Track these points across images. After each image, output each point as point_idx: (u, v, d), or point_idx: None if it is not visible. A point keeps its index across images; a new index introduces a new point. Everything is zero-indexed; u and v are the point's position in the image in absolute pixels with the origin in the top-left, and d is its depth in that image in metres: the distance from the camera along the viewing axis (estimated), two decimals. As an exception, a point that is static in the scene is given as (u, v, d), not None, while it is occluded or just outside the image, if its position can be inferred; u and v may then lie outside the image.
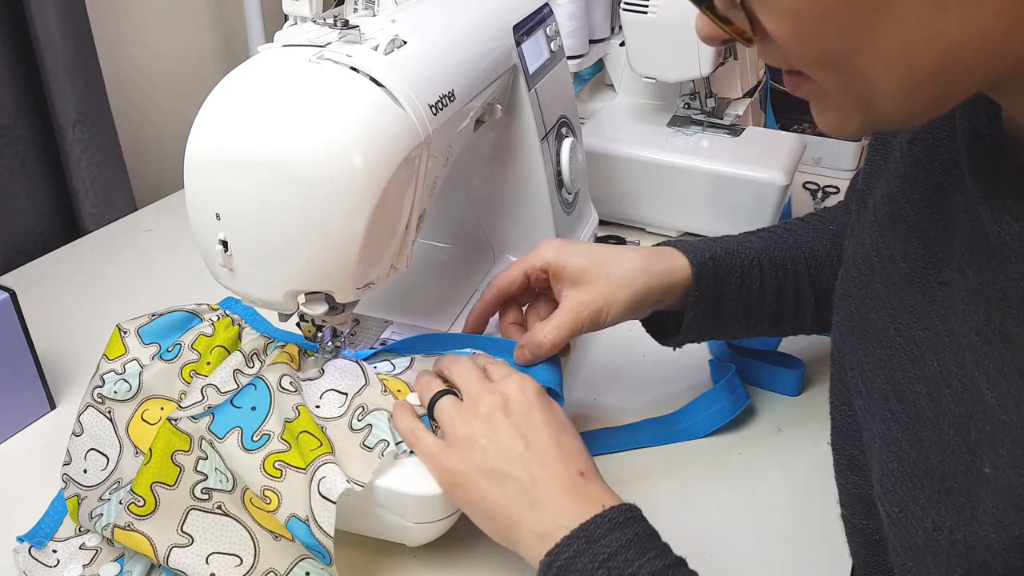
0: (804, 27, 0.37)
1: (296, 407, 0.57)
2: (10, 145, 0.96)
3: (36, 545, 0.59)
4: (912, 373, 0.46)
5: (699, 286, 0.65)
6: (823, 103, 0.42)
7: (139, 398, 0.62)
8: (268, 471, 0.54)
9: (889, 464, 0.46)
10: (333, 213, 0.52)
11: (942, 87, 0.37)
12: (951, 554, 0.40)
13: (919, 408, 0.45)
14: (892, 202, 0.52)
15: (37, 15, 0.92)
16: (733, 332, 0.70)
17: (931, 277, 0.46)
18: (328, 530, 0.53)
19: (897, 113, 0.39)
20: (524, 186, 0.80)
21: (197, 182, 0.54)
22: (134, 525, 0.55)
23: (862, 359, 0.51)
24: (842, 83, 0.39)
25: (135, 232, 1.05)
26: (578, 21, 1.06)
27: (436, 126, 0.57)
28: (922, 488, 0.43)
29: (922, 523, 0.42)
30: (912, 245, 0.48)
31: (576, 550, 0.48)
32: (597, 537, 0.48)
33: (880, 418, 0.48)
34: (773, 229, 0.73)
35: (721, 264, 0.66)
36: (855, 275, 0.54)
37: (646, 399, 0.76)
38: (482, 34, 0.70)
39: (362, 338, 0.72)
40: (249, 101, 0.53)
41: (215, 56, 1.30)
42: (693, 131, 1.07)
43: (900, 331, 0.47)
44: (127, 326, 0.65)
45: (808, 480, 0.67)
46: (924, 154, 0.49)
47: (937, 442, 0.42)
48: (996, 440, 0.38)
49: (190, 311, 0.65)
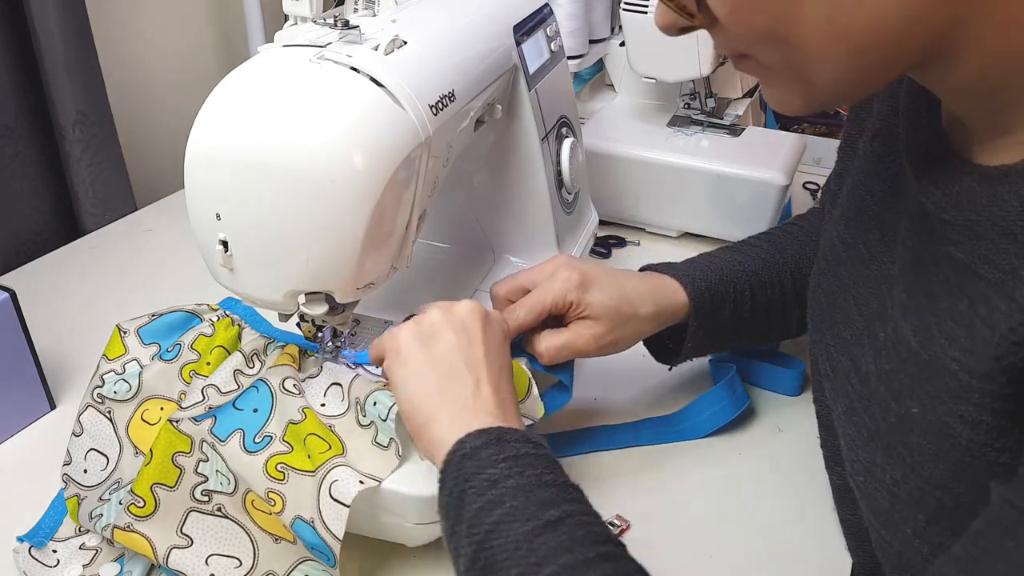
0: (740, 4, 0.41)
1: (301, 410, 0.57)
2: (10, 145, 0.96)
3: (36, 545, 0.59)
4: (866, 344, 0.50)
5: (697, 317, 0.68)
6: (769, 80, 0.45)
7: (139, 398, 0.62)
8: (271, 473, 0.54)
9: (852, 436, 0.49)
10: (333, 213, 0.52)
11: (871, 62, 0.40)
12: (910, 504, 0.44)
13: (869, 375, 0.49)
14: (855, 195, 0.56)
15: (37, 15, 0.92)
16: (726, 347, 0.76)
17: (885, 259, 0.49)
18: (337, 532, 0.53)
19: (832, 88, 0.43)
20: (524, 186, 0.80)
21: (197, 182, 0.54)
22: (134, 526, 0.55)
23: (829, 344, 0.55)
24: (780, 58, 0.42)
25: (135, 232, 1.05)
26: (578, 21, 1.06)
27: (436, 126, 0.57)
28: (877, 448, 0.46)
29: (883, 483, 0.46)
30: (872, 233, 0.52)
31: (484, 442, 0.50)
32: (511, 437, 0.50)
33: (843, 394, 0.51)
34: (758, 243, 0.75)
35: (716, 292, 0.69)
36: (824, 267, 0.58)
37: (646, 399, 0.76)
38: (482, 34, 0.70)
39: (362, 338, 0.72)
40: (249, 101, 0.53)
41: (215, 56, 1.30)
42: (693, 131, 1.07)
43: (861, 311, 0.51)
44: (127, 326, 0.65)
45: (808, 480, 0.67)
46: (883, 148, 0.53)
47: (878, 401, 0.47)
48: (921, 379, 0.42)
49: (190, 311, 0.65)
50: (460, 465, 0.49)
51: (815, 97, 0.44)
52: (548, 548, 0.44)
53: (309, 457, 0.55)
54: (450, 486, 0.49)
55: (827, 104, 0.47)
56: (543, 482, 0.48)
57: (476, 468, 0.48)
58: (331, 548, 0.53)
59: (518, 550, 0.45)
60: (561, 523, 0.45)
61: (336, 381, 0.61)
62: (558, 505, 0.46)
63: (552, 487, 0.48)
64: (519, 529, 0.45)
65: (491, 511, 0.46)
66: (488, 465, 0.48)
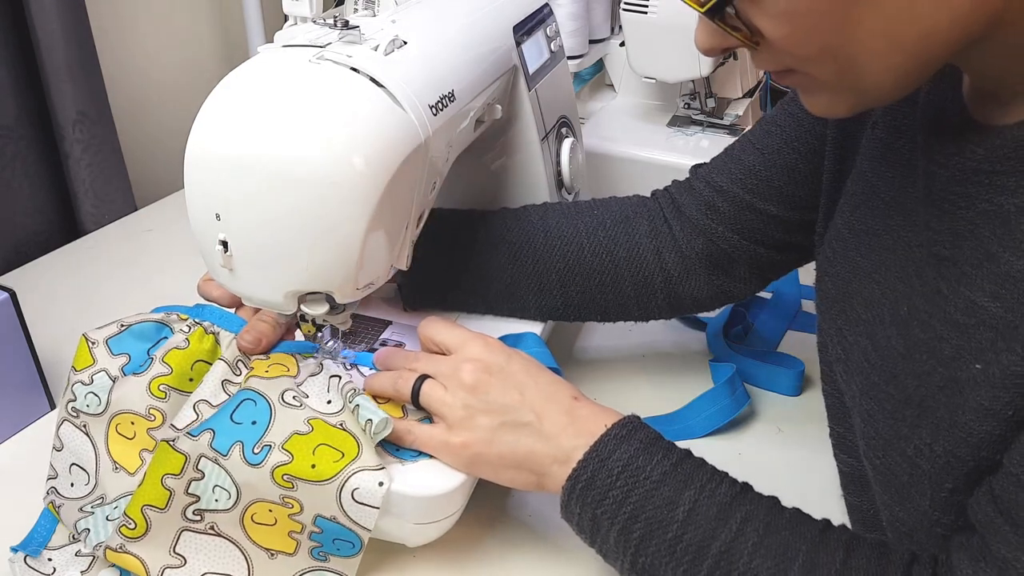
0: (798, 26, 0.41)
1: (307, 421, 0.56)
2: (10, 145, 0.96)
3: (31, 554, 0.59)
4: (887, 322, 0.51)
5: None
6: (814, 91, 0.46)
7: (108, 413, 0.60)
8: (279, 483, 0.54)
9: (871, 410, 0.50)
10: (333, 214, 0.52)
11: (921, 63, 0.42)
12: (932, 475, 0.45)
13: (891, 348, 0.50)
14: (863, 181, 0.56)
15: (37, 15, 0.92)
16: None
17: (911, 241, 0.50)
18: (367, 525, 0.54)
19: (883, 92, 0.44)
20: (524, 186, 0.80)
21: (197, 182, 0.54)
22: (126, 547, 0.55)
23: (842, 328, 0.56)
24: (835, 72, 0.43)
25: (135, 232, 1.05)
26: (578, 21, 1.06)
27: (436, 126, 0.57)
28: (903, 418, 0.47)
29: (905, 454, 0.47)
30: (892, 218, 0.53)
31: (593, 469, 0.52)
32: (608, 454, 0.52)
33: (859, 372, 0.52)
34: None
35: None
36: (830, 255, 0.59)
37: (646, 399, 0.76)
38: (482, 34, 0.70)
39: (362, 338, 0.72)
40: (249, 101, 0.53)
41: (215, 56, 1.30)
42: (693, 131, 1.07)
43: (884, 293, 0.52)
44: (95, 336, 0.62)
45: (808, 480, 0.67)
46: (886, 134, 0.54)
47: (912, 371, 0.47)
48: (994, 338, 0.42)
49: (159, 321, 0.63)
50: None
51: (864, 102, 0.46)
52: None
53: (314, 467, 0.54)
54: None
55: (873, 106, 0.50)
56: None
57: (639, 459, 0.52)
58: (359, 536, 0.54)
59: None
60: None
61: (336, 374, 0.61)
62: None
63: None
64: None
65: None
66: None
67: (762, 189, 0.66)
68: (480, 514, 0.63)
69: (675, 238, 0.71)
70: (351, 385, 0.60)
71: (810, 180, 0.64)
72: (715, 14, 0.43)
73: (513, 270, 0.71)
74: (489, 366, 0.57)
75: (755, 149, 0.67)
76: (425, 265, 0.67)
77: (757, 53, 0.44)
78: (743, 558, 0.47)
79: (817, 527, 0.49)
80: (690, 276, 0.71)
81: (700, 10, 0.43)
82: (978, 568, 0.42)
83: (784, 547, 0.47)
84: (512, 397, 0.56)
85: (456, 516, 0.58)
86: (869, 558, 0.47)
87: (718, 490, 0.50)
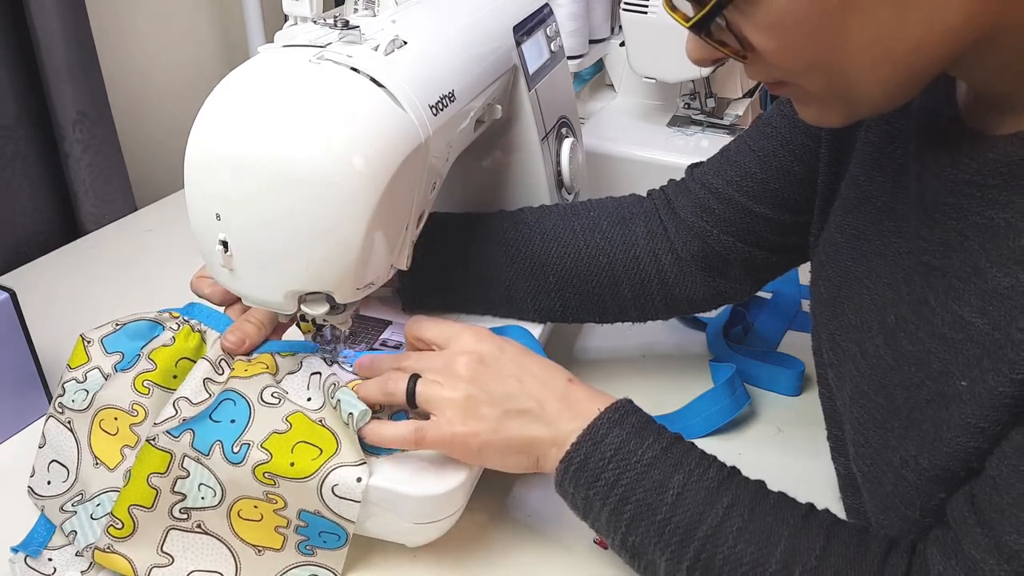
0: (788, 39, 0.41)
1: (286, 419, 0.56)
2: (10, 145, 0.96)
3: (31, 554, 0.59)
4: (875, 330, 0.51)
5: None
6: (807, 101, 0.47)
7: (93, 408, 0.61)
8: (260, 480, 0.54)
9: (860, 418, 0.51)
10: (333, 214, 0.52)
11: (913, 75, 0.42)
12: (919, 486, 0.46)
13: (880, 358, 0.50)
14: (856, 186, 0.57)
15: (37, 15, 0.92)
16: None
17: (902, 248, 0.51)
18: (350, 517, 0.54)
19: (875, 103, 0.44)
20: (524, 186, 0.80)
21: (197, 182, 0.54)
22: (114, 547, 0.56)
23: (834, 333, 0.56)
24: (825, 85, 0.43)
25: (135, 232, 1.05)
26: (578, 21, 1.06)
27: (436, 126, 0.57)
28: (891, 428, 0.48)
29: (891, 464, 0.48)
30: (884, 224, 0.53)
31: (586, 452, 0.53)
32: (600, 437, 0.53)
33: (849, 379, 0.53)
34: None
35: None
36: (824, 259, 0.59)
37: (646, 399, 0.76)
38: (482, 34, 0.70)
39: (362, 338, 0.72)
40: (249, 101, 0.53)
41: (215, 56, 1.30)
42: (693, 131, 1.07)
43: (874, 299, 0.52)
44: (91, 335, 0.63)
45: (808, 480, 0.66)
46: (879, 138, 0.54)
47: (901, 383, 0.48)
48: (977, 354, 0.43)
49: (152, 319, 0.64)
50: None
51: (856, 113, 0.46)
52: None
53: (293, 465, 0.54)
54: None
55: (866, 116, 0.49)
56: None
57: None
58: (344, 528, 0.54)
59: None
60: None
61: (317, 371, 0.61)
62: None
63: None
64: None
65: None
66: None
67: (757, 192, 0.67)
68: (480, 514, 0.63)
69: (671, 240, 0.71)
70: (333, 378, 0.60)
71: (805, 182, 0.64)
72: (700, 29, 0.43)
73: (511, 272, 0.71)
74: (483, 357, 0.57)
75: (751, 151, 0.67)
76: (424, 267, 0.67)
77: (748, 65, 0.45)
78: (727, 542, 0.48)
79: (800, 512, 0.49)
80: (686, 278, 0.71)
81: (686, 25, 0.44)
82: (948, 565, 0.43)
83: (767, 533, 0.48)
84: (511, 385, 0.56)
85: (456, 516, 0.58)
86: (848, 544, 0.47)
87: (706, 474, 0.51)
